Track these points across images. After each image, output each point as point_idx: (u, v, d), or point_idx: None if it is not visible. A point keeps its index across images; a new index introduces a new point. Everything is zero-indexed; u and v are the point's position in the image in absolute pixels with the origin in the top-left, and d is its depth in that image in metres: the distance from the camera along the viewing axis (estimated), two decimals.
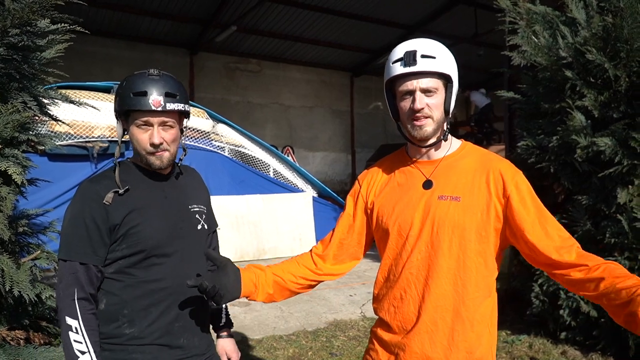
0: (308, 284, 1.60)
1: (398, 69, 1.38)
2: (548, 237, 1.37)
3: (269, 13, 12.68)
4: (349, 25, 13.65)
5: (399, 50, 1.40)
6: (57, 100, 2.62)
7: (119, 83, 1.51)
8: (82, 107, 2.90)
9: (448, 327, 1.38)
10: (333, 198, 8.70)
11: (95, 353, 1.38)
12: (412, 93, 1.39)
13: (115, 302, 1.45)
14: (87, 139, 6.60)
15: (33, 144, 2.49)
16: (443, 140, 1.47)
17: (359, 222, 1.59)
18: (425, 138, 1.43)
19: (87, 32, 2.47)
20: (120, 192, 1.45)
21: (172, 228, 1.52)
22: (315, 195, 8.61)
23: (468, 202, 1.39)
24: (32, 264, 2.43)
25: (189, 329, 1.53)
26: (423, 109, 1.38)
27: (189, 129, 7.38)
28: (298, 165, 9.25)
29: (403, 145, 1.61)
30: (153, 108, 1.43)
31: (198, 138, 7.67)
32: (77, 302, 1.38)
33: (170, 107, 1.45)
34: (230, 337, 1.76)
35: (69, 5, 2.32)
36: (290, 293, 1.58)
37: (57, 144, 2.73)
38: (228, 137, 8.27)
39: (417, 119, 1.39)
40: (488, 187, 1.40)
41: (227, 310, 1.80)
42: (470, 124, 13.80)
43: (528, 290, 4.07)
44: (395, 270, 1.47)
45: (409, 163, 1.52)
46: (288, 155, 12.41)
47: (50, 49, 2.51)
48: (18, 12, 2.10)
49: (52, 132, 5.43)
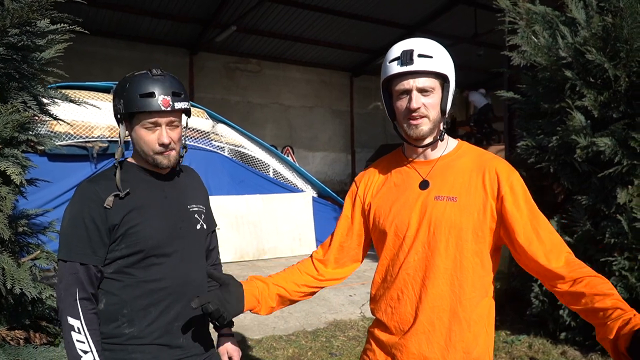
0: (310, 292, 1.58)
1: (395, 68, 1.38)
2: (538, 240, 1.36)
3: (269, 13, 12.68)
4: (349, 25, 13.66)
5: (396, 50, 1.39)
6: (57, 100, 2.62)
7: (119, 84, 1.48)
8: (82, 106, 2.90)
9: (445, 327, 1.38)
10: (333, 198, 8.70)
11: (98, 352, 1.38)
12: (408, 92, 1.38)
13: (115, 301, 1.45)
14: (86, 139, 6.60)
15: (33, 144, 2.48)
16: (439, 140, 1.46)
17: (358, 223, 1.58)
18: (422, 137, 1.42)
19: (86, 32, 2.47)
20: (121, 195, 1.44)
21: (171, 228, 1.51)
22: (315, 196, 8.61)
23: (465, 202, 1.38)
24: (31, 264, 2.42)
25: (189, 329, 1.53)
26: (419, 109, 1.37)
27: (189, 129, 7.38)
28: (298, 165, 9.25)
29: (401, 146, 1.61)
30: (163, 108, 1.43)
31: (198, 138, 7.67)
32: (78, 302, 1.38)
33: (178, 106, 1.46)
34: (232, 336, 1.77)
35: (69, 5, 2.32)
36: (292, 302, 1.56)
37: (56, 144, 2.73)
38: (228, 137, 8.27)
39: (413, 119, 1.39)
40: (484, 186, 1.39)
41: None
42: (470, 124, 13.81)
43: (528, 290, 4.07)
44: (392, 271, 1.46)
45: (406, 163, 1.52)
46: (288, 155, 12.42)
47: (50, 49, 2.50)
48: (17, 11, 2.09)
49: (51, 132, 5.43)
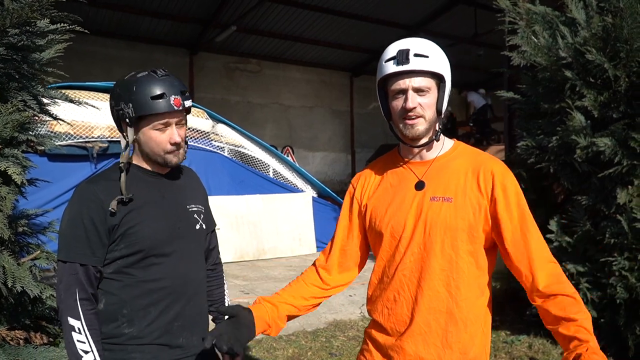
0: (318, 302, 1.57)
1: (391, 68, 1.36)
2: (525, 248, 1.36)
3: (269, 13, 12.69)
4: (349, 25, 13.66)
5: (392, 49, 1.38)
6: (57, 100, 2.62)
7: (122, 88, 1.45)
8: (82, 106, 2.90)
9: (441, 328, 1.38)
10: (333, 198, 8.70)
11: (98, 352, 1.38)
12: (404, 92, 1.37)
13: (114, 301, 1.45)
14: (86, 139, 6.60)
15: (33, 144, 2.48)
16: (435, 141, 1.45)
17: (357, 225, 1.57)
18: (417, 137, 1.41)
19: (86, 31, 2.46)
20: (125, 199, 1.43)
21: (170, 228, 1.51)
22: (315, 196, 8.61)
23: (460, 203, 1.38)
24: (31, 264, 2.43)
25: (188, 328, 1.53)
26: (415, 108, 1.36)
27: (189, 129, 7.38)
28: (298, 166, 9.25)
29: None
30: (175, 108, 1.44)
31: (198, 138, 7.67)
32: (79, 302, 1.38)
33: (187, 104, 1.48)
34: None
35: (69, 5, 2.32)
36: (299, 315, 1.56)
37: (56, 144, 2.73)
38: (228, 137, 8.27)
39: (409, 118, 1.38)
40: (479, 187, 1.39)
41: None
42: (469, 124, 13.84)
43: None
44: (389, 272, 1.46)
45: (401, 164, 1.51)
46: (288, 156, 12.41)
47: (50, 49, 2.50)
48: (17, 11, 2.09)
49: (51, 132, 5.43)
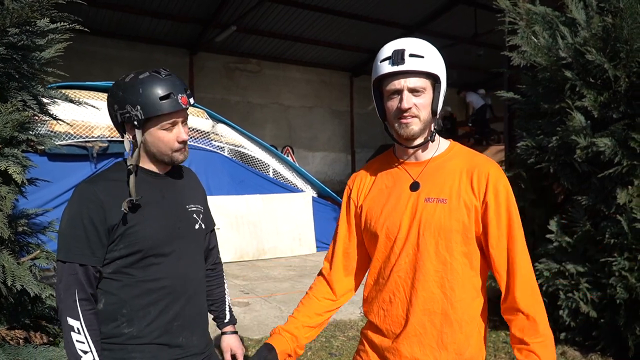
0: (330, 315, 1.60)
1: (386, 68, 1.36)
2: (508, 255, 1.36)
3: (269, 13, 12.69)
4: (349, 25, 13.66)
5: (387, 49, 1.37)
6: (57, 100, 2.62)
7: (126, 90, 1.43)
8: (82, 106, 2.90)
9: (436, 329, 1.38)
10: (333, 198, 8.70)
11: (97, 352, 1.38)
12: (399, 92, 1.36)
13: (114, 301, 1.45)
14: (86, 139, 6.61)
15: (33, 144, 2.48)
16: (430, 141, 1.45)
17: (356, 227, 1.57)
18: (412, 137, 1.40)
19: (87, 30, 2.46)
20: (135, 201, 1.42)
21: (170, 228, 1.51)
22: (315, 196, 8.62)
23: (455, 204, 1.37)
24: (31, 264, 2.43)
25: (188, 328, 1.53)
26: (410, 109, 1.36)
27: (189, 129, 7.38)
28: (298, 166, 9.26)
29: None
30: (183, 107, 1.45)
31: (198, 138, 7.68)
32: (78, 302, 1.38)
33: (192, 101, 1.50)
34: (235, 333, 1.78)
35: (69, 5, 2.32)
36: (316, 336, 1.60)
37: (56, 144, 2.73)
38: (228, 137, 8.28)
39: (404, 118, 1.38)
40: (473, 189, 1.39)
41: (230, 308, 1.81)
42: (468, 124, 13.87)
43: None
44: (384, 274, 1.45)
45: (397, 164, 1.50)
46: (288, 156, 12.41)
47: (50, 49, 2.50)
48: (17, 11, 2.09)
49: (51, 131, 5.44)
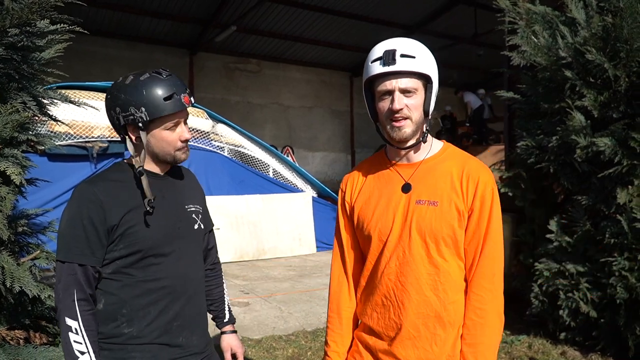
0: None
1: (377, 68, 1.34)
2: (478, 258, 1.37)
3: (269, 13, 12.70)
4: (349, 25, 13.67)
5: (378, 49, 1.36)
6: (56, 101, 2.62)
7: (128, 92, 1.41)
8: (81, 107, 2.90)
9: (430, 332, 1.38)
10: (332, 198, 8.70)
11: (95, 353, 1.38)
12: (391, 93, 1.35)
13: (114, 301, 1.45)
14: (86, 139, 6.62)
15: (33, 144, 2.49)
16: (422, 142, 1.44)
17: (353, 228, 1.56)
18: (404, 140, 1.39)
19: (86, 32, 2.47)
20: (152, 201, 1.42)
21: (170, 228, 1.51)
22: (315, 195, 8.62)
23: (446, 207, 1.37)
24: (31, 264, 2.43)
25: (188, 328, 1.53)
26: (402, 110, 1.34)
27: (189, 129, 7.39)
28: (297, 166, 9.26)
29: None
30: (186, 106, 1.46)
31: (198, 138, 7.68)
32: (76, 302, 1.38)
33: (193, 100, 1.51)
34: (234, 332, 1.78)
35: (69, 5, 2.32)
36: None
37: (56, 144, 2.74)
38: (228, 137, 8.28)
39: (396, 120, 1.36)
40: (462, 193, 1.38)
41: (229, 307, 1.81)
42: (466, 124, 13.90)
43: (527, 291, 4.07)
44: (376, 276, 1.45)
45: (388, 166, 1.49)
46: (287, 156, 12.42)
47: (50, 49, 2.50)
48: (17, 12, 2.09)
49: (51, 132, 5.44)
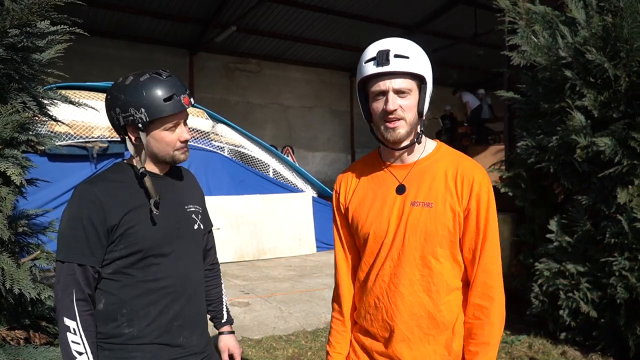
0: None
1: (370, 69, 1.33)
2: (478, 259, 1.37)
3: (269, 13, 12.70)
4: (349, 25, 13.67)
5: (372, 50, 1.34)
6: (56, 101, 2.62)
7: (129, 93, 1.41)
8: (81, 107, 2.90)
9: (424, 333, 1.38)
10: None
11: (93, 354, 1.38)
12: (384, 94, 1.33)
13: (114, 301, 1.45)
14: (86, 139, 6.62)
15: (33, 144, 2.49)
16: (417, 143, 1.43)
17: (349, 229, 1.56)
18: (398, 140, 1.38)
19: (86, 34, 2.47)
20: (158, 201, 1.42)
21: (170, 228, 1.51)
22: (315, 195, 8.62)
23: (441, 208, 1.36)
24: (31, 264, 2.43)
25: (188, 328, 1.53)
26: (396, 111, 1.33)
27: (189, 129, 7.40)
28: (297, 165, 9.26)
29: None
30: (186, 107, 1.46)
31: (198, 138, 7.68)
32: (75, 303, 1.38)
33: (192, 101, 1.50)
34: (232, 333, 1.78)
35: (69, 6, 2.32)
36: None
37: (56, 144, 2.74)
38: (227, 137, 8.28)
39: (389, 121, 1.35)
40: (457, 194, 1.37)
41: (227, 308, 1.81)
42: (464, 124, 13.91)
43: (528, 291, 4.07)
44: (370, 277, 1.45)
45: (382, 167, 1.48)
46: (287, 156, 12.43)
47: (50, 50, 2.51)
48: (17, 12, 2.09)
49: (51, 132, 5.44)
